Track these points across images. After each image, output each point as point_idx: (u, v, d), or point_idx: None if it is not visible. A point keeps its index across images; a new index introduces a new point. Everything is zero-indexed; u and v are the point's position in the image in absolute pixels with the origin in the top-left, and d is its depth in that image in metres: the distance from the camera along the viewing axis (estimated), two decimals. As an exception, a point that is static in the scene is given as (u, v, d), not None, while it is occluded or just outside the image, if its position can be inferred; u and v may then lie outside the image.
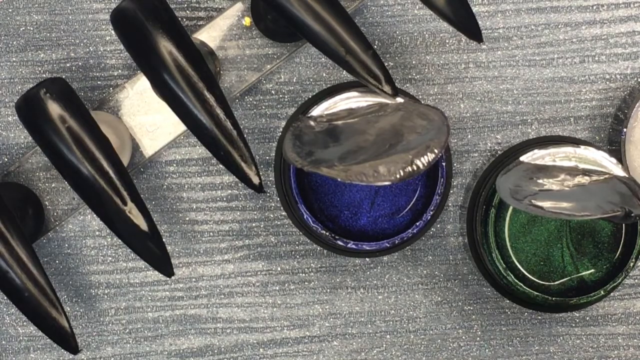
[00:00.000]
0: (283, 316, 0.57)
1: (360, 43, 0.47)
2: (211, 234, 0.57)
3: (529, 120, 0.57)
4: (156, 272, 0.52)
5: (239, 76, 0.55)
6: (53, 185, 0.55)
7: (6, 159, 0.56)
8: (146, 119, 0.55)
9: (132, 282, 0.57)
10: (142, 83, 0.54)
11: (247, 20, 0.55)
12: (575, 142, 0.55)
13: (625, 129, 0.54)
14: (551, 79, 0.57)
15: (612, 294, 0.56)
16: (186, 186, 0.57)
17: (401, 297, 0.57)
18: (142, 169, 0.56)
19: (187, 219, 0.57)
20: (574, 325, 0.58)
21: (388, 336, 0.57)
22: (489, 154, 0.57)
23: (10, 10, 0.56)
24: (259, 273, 0.57)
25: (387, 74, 0.48)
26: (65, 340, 0.49)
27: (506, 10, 0.57)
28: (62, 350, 0.50)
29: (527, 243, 0.55)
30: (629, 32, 0.57)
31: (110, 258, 0.57)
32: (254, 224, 0.57)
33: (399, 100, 0.49)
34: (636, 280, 0.58)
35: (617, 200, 0.48)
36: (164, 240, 0.48)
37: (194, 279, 0.57)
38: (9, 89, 0.56)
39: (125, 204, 0.46)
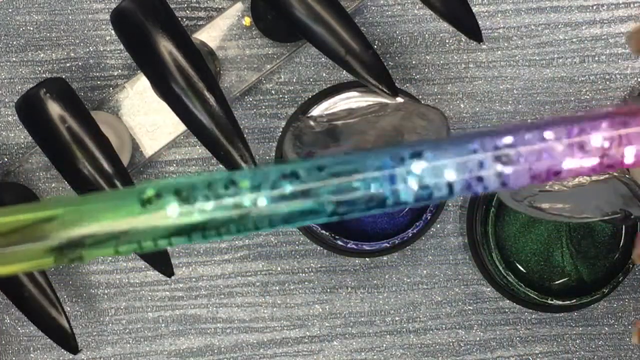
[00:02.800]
0: (283, 316, 0.57)
1: (360, 43, 0.47)
2: (211, 234, 0.57)
3: (528, 121, 0.57)
4: (156, 272, 0.52)
5: (239, 76, 0.55)
6: (53, 185, 0.55)
7: (6, 159, 0.56)
8: (146, 119, 0.55)
9: (132, 282, 0.57)
10: (142, 83, 0.54)
11: (247, 20, 0.55)
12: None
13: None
14: (551, 79, 0.57)
15: (612, 294, 0.56)
16: (186, 186, 0.56)
17: (401, 297, 0.57)
18: (142, 169, 0.56)
19: (187, 219, 0.56)
20: (574, 325, 0.58)
21: (388, 336, 0.57)
22: (489, 154, 0.57)
23: (10, 10, 0.56)
24: (259, 273, 0.57)
25: (387, 74, 0.48)
26: (65, 340, 0.49)
27: (506, 10, 0.57)
28: (62, 350, 0.50)
29: (527, 243, 0.55)
30: (629, 32, 0.57)
31: (110, 258, 0.57)
32: (254, 224, 0.57)
33: (399, 100, 0.49)
34: (636, 281, 0.58)
35: (617, 201, 0.48)
36: (164, 240, 0.48)
37: (194, 279, 0.57)
38: (9, 89, 0.56)
39: (125, 204, 0.46)
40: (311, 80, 0.56)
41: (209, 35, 0.55)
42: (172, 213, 0.22)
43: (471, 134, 0.24)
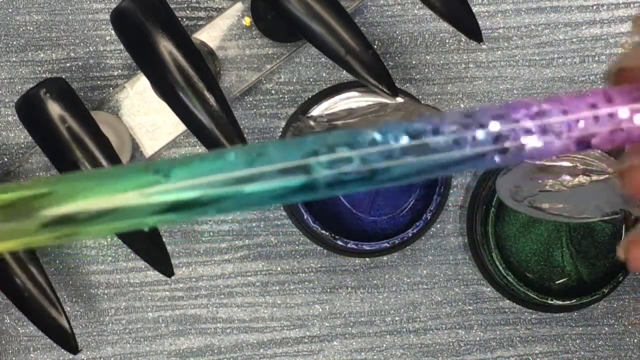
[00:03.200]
0: (283, 316, 0.57)
1: (360, 43, 0.47)
2: (211, 234, 0.57)
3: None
4: (156, 272, 0.52)
5: (239, 76, 0.55)
6: (53, 185, 0.55)
7: (6, 159, 0.56)
8: (146, 119, 0.55)
9: (132, 282, 0.57)
10: (142, 83, 0.54)
11: (247, 20, 0.55)
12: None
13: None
14: (551, 79, 0.57)
15: (612, 294, 0.56)
16: (186, 186, 0.56)
17: (401, 297, 0.57)
18: (142, 169, 0.56)
19: (187, 219, 0.56)
20: (574, 325, 0.58)
21: (388, 336, 0.57)
22: (489, 154, 0.57)
23: (10, 10, 0.56)
24: (259, 273, 0.57)
25: (387, 74, 0.48)
26: (65, 340, 0.49)
27: (506, 10, 0.57)
28: (62, 350, 0.50)
29: (527, 243, 0.55)
30: (629, 32, 0.57)
31: (110, 258, 0.57)
32: (254, 224, 0.57)
33: (399, 100, 0.49)
34: (636, 281, 0.58)
35: (617, 201, 0.48)
36: (164, 240, 0.48)
37: (194, 279, 0.57)
38: (9, 89, 0.56)
39: (125, 204, 0.46)
40: (311, 80, 0.56)
41: (209, 35, 0.55)
42: (171, 187, 0.22)
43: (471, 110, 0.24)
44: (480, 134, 0.23)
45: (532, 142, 0.24)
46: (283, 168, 0.23)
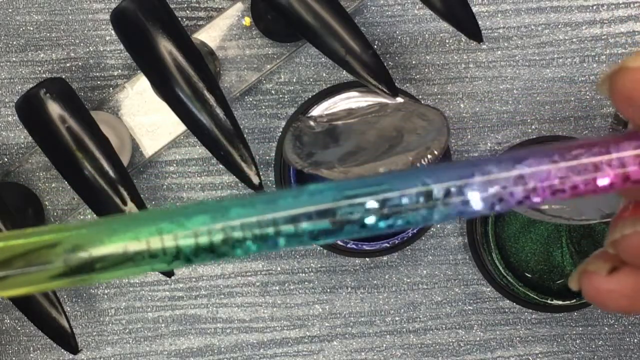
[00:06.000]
0: (283, 316, 0.57)
1: (360, 43, 0.47)
2: (211, 234, 0.57)
3: (528, 120, 0.57)
4: (156, 272, 0.52)
5: (239, 76, 0.55)
6: (53, 185, 0.55)
7: (6, 159, 0.56)
8: (146, 119, 0.55)
9: (132, 282, 0.57)
10: (142, 83, 0.54)
11: (247, 20, 0.55)
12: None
13: (624, 129, 0.54)
14: (551, 79, 0.57)
15: (612, 294, 0.56)
16: (186, 186, 0.57)
17: (401, 297, 0.57)
18: (142, 169, 0.56)
19: (187, 219, 0.56)
20: (574, 325, 0.58)
21: (388, 336, 0.57)
22: (489, 153, 0.57)
23: (10, 10, 0.56)
24: (259, 273, 0.57)
25: (387, 74, 0.48)
26: (65, 340, 0.49)
27: (506, 10, 0.57)
28: (62, 350, 0.50)
29: (527, 243, 0.55)
30: (629, 32, 0.57)
31: (110, 258, 0.56)
32: (254, 224, 0.57)
33: (399, 100, 0.49)
34: (636, 280, 0.58)
35: (617, 202, 0.48)
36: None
37: (194, 279, 0.57)
38: (9, 89, 0.56)
39: (125, 204, 0.46)
40: (311, 80, 0.56)
41: (209, 35, 0.55)
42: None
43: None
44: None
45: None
46: (305, 212, 0.22)
